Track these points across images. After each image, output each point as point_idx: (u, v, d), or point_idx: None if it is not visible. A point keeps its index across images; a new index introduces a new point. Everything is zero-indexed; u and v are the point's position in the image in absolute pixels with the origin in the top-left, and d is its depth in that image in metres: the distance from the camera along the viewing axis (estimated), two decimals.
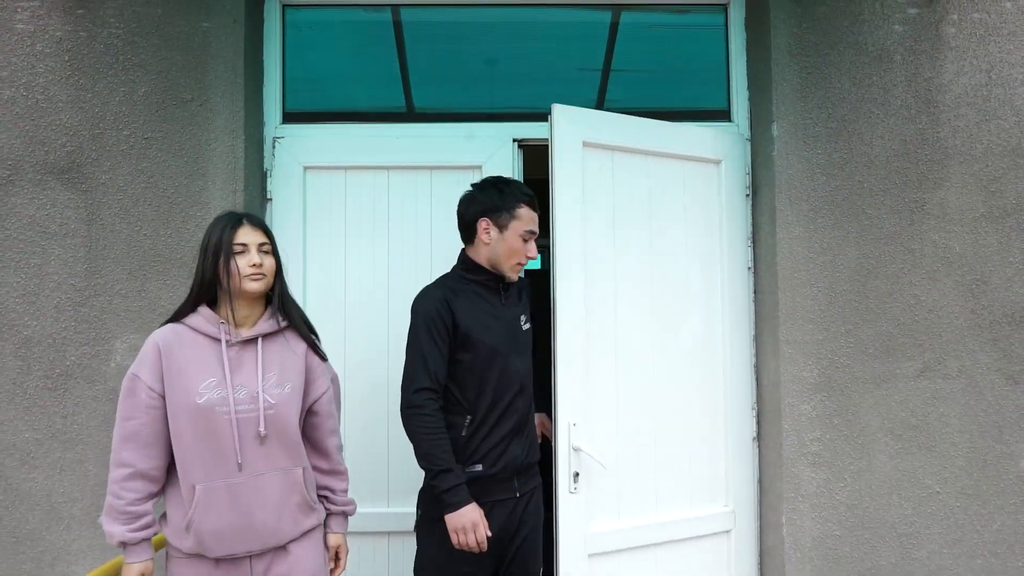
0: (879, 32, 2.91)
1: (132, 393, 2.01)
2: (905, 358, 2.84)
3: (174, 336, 2.05)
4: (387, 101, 3.11)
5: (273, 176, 2.96)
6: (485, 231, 2.34)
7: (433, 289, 2.30)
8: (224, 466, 2.00)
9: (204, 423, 1.98)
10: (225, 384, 2.02)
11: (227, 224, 2.08)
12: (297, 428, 2.09)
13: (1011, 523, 2.83)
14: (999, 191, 2.88)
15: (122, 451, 1.99)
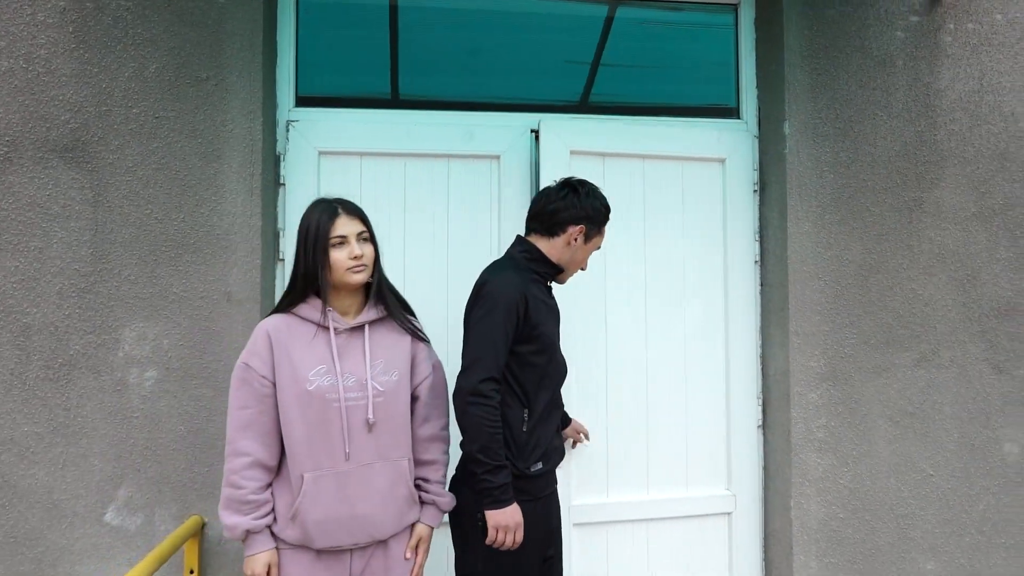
0: (883, 38, 3.04)
1: (245, 382, 2.01)
2: (903, 349, 2.99)
3: (283, 324, 2.04)
4: (402, 88, 3.06)
5: (286, 160, 2.88)
6: (575, 237, 2.32)
7: (513, 275, 2.21)
8: (332, 455, 2.00)
9: (314, 410, 1.98)
10: (334, 371, 2.01)
11: (323, 215, 2.05)
12: (407, 417, 2.10)
13: (995, 503, 3.02)
14: (988, 192, 3.06)
15: (239, 440, 1.99)
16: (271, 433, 2.01)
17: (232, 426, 2.00)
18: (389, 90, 3.04)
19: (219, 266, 2.69)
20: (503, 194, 2.97)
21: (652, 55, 3.23)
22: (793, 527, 2.91)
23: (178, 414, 2.65)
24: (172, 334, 2.66)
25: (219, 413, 2.66)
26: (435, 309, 2.92)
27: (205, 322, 2.67)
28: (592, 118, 3.06)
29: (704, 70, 3.24)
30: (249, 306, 2.69)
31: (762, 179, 3.12)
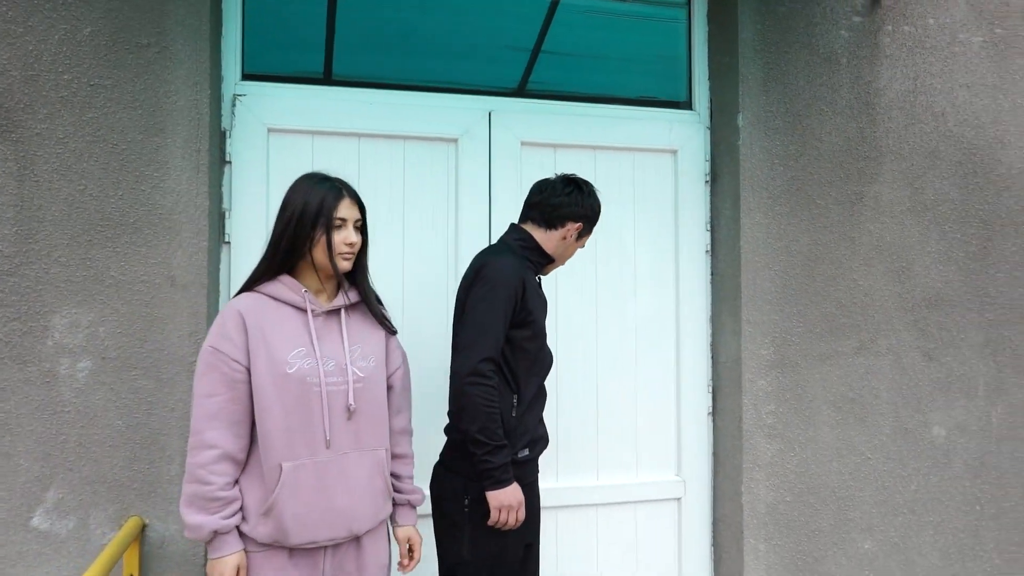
0: (828, 36, 3.13)
1: (213, 367, 1.85)
2: (844, 337, 3.11)
3: (256, 304, 1.90)
4: (356, 67, 2.93)
5: (233, 137, 2.70)
6: (570, 232, 2.33)
7: (512, 260, 2.20)
8: (312, 443, 1.87)
9: (293, 395, 1.85)
10: (314, 355, 1.89)
11: (328, 193, 1.93)
12: (384, 405, 2.01)
13: (925, 484, 3.18)
14: (921, 188, 3.21)
15: (207, 431, 1.82)
16: (242, 423, 1.87)
17: (198, 416, 1.84)
18: (342, 69, 2.90)
19: (162, 248, 2.50)
20: (461, 178, 2.89)
21: (606, 45, 3.22)
22: (744, 512, 2.97)
23: (115, 408, 2.45)
24: (109, 321, 2.45)
25: (161, 406, 2.47)
26: (391, 294, 2.82)
27: (146, 308, 2.48)
28: (544, 106, 3.03)
29: (657, 61, 3.26)
30: (195, 291, 2.52)
31: (713, 170, 3.17)
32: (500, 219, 2.92)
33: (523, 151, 2.97)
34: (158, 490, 2.46)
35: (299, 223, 1.91)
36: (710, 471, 3.15)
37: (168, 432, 2.48)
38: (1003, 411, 3.28)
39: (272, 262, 1.94)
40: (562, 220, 2.32)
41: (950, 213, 3.24)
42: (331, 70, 2.91)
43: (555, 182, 2.35)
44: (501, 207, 2.93)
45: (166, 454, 2.47)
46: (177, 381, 2.49)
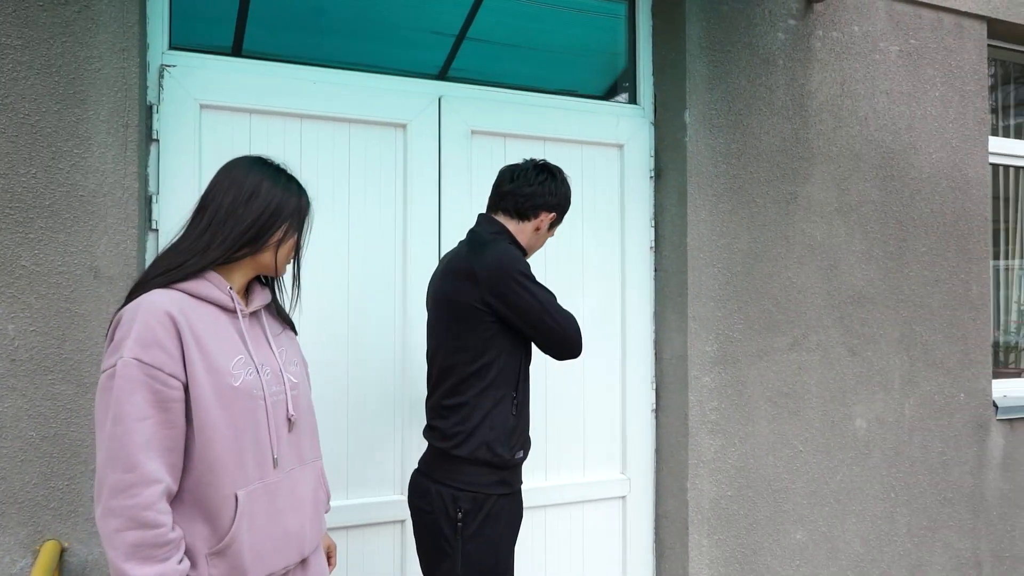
0: (767, 37, 3.19)
1: (139, 384, 1.50)
2: (780, 333, 3.18)
3: (184, 304, 1.60)
4: (298, 45, 2.70)
5: (160, 113, 2.42)
6: (543, 223, 2.21)
7: (512, 247, 2.13)
8: (261, 464, 1.63)
9: (240, 411, 1.59)
10: (251, 362, 1.65)
11: (302, 197, 1.73)
12: (314, 412, 1.83)
13: (849, 474, 3.32)
14: (847, 189, 3.34)
15: (144, 463, 1.48)
16: (176, 450, 1.55)
17: (128, 446, 1.48)
18: (281, 45, 2.67)
19: (83, 234, 2.20)
20: (410, 166, 2.73)
21: (554, 39, 3.14)
22: (689, 508, 2.98)
23: (28, 416, 2.13)
24: (20, 317, 2.13)
25: (83, 414, 2.18)
26: (335, 287, 2.62)
27: (64, 303, 2.17)
28: (495, 94, 2.91)
29: (597, 55, 3.22)
30: (122, 284, 2.23)
31: (657, 166, 3.16)
32: (450, 209, 2.78)
33: (473, 139, 2.84)
34: (79, 509, 2.17)
35: (272, 219, 1.67)
36: (653, 468, 3.15)
37: (91, 443, 2.18)
38: (914, 403, 3.47)
39: (208, 256, 1.65)
40: (535, 210, 2.20)
41: (871, 214, 3.39)
42: (241, 44, 2.68)
43: (526, 169, 2.22)
44: (451, 197, 2.79)
45: (88, 468, 2.18)
46: None
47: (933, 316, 3.53)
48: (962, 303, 3.60)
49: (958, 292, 3.59)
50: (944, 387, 3.55)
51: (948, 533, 3.55)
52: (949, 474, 3.55)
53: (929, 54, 3.56)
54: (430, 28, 3.03)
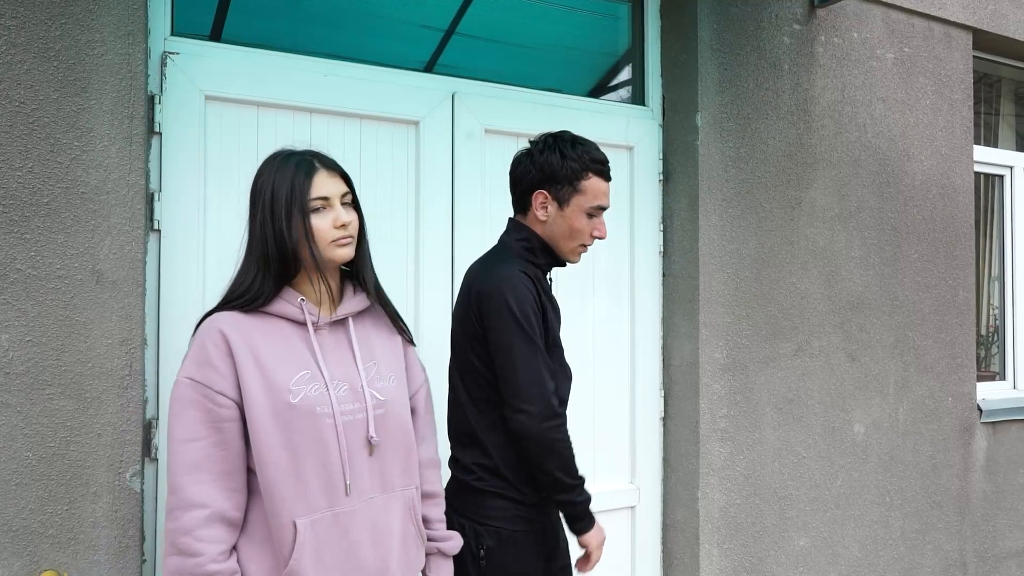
0: (774, 41, 3.17)
1: (192, 404, 1.43)
2: (785, 339, 3.16)
3: (241, 320, 1.50)
4: (312, 37, 2.55)
5: (163, 103, 2.24)
6: (542, 206, 1.97)
7: (520, 273, 1.90)
8: (329, 490, 1.49)
9: (301, 430, 1.47)
10: (321, 377, 1.51)
11: (298, 171, 1.54)
12: (411, 433, 1.65)
13: (848, 479, 3.32)
14: (846, 195, 3.35)
15: (190, 486, 1.40)
16: (234, 473, 1.47)
17: (176, 468, 1.44)
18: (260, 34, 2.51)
19: (84, 235, 2.02)
20: (422, 165, 2.61)
21: (560, 38, 3.06)
22: (700, 517, 2.94)
23: (24, 435, 1.94)
24: (16, 326, 1.93)
25: (84, 432, 1.99)
26: None
27: (64, 310, 1.98)
28: (508, 92, 2.81)
29: (605, 56, 3.15)
30: (127, 289, 2.06)
31: (666, 169, 3.10)
32: (463, 210, 2.67)
33: (487, 139, 2.73)
34: (80, 536, 1.98)
35: (272, 220, 1.53)
36: (661, 477, 3.09)
37: (93, 464, 2.00)
38: (908, 407, 3.51)
39: (259, 273, 1.55)
40: (525, 196, 1.99)
41: (869, 220, 3.41)
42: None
43: (519, 152, 2.06)
44: (464, 198, 2.67)
45: (90, 491, 2.00)
46: (105, 400, 2.02)
47: (924, 321, 3.57)
48: (950, 308, 3.66)
49: (946, 297, 3.65)
50: (934, 391, 3.60)
51: (937, 535, 3.60)
52: (938, 477, 3.60)
53: (921, 62, 3.60)
54: (418, 22, 2.91)
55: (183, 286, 2.24)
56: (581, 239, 1.98)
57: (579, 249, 2.01)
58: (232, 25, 2.47)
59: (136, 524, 2.06)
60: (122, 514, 2.03)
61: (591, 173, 1.96)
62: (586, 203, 1.96)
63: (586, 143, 1.99)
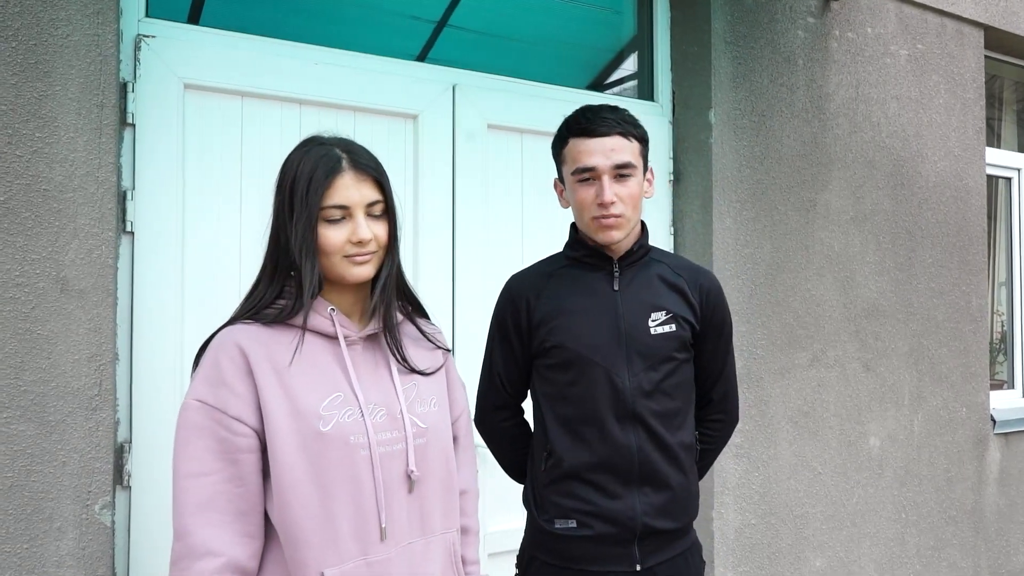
0: (788, 35, 3.01)
1: (203, 432, 1.22)
2: (800, 349, 3.00)
3: (261, 334, 1.29)
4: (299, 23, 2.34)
5: (136, 92, 2.01)
6: (561, 194, 1.76)
7: (520, 274, 1.76)
8: (362, 534, 1.27)
9: (334, 465, 1.26)
10: (355, 401, 1.30)
11: (318, 167, 1.30)
12: (454, 465, 1.43)
13: (864, 495, 3.17)
14: (861, 197, 3.19)
15: (200, 530, 1.19)
16: (250, 514, 1.25)
17: (184, 508, 1.22)
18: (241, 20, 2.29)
19: (47, 237, 1.79)
20: (420, 161, 2.41)
21: (562, 33, 2.88)
22: (715, 539, 2.76)
23: None
24: None
25: (47, 460, 1.77)
26: None
27: (23, 322, 1.76)
28: (510, 85, 2.62)
29: (609, 50, 2.97)
30: (96, 298, 1.83)
31: (676, 168, 2.92)
32: (464, 210, 2.47)
33: (489, 134, 2.54)
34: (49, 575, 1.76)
35: (291, 219, 1.30)
36: None
37: (57, 495, 1.78)
38: (923, 419, 3.36)
39: (273, 279, 1.33)
40: (558, 176, 1.75)
41: (884, 224, 3.25)
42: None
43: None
44: (465, 197, 2.48)
45: (54, 526, 1.77)
46: (70, 424, 1.79)
47: (938, 329, 3.43)
48: (963, 315, 3.52)
49: (960, 304, 3.51)
50: (948, 402, 3.45)
51: (952, 552, 3.45)
52: (953, 491, 3.46)
53: (934, 59, 3.46)
54: (408, 13, 2.72)
55: (159, 294, 2.02)
56: (588, 212, 1.64)
57: (593, 225, 1.64)
58: (210, 11, 2.26)
59: (107, 562, 1.84)
60: (91, 551, 1.81)
61: (569, 137, 1.68)
62: (571, 170, 1.66)
63: (581, 109, 1.70)
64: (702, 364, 1.75)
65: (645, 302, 1.69)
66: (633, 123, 1.65)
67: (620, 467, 1.62)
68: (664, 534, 1.64)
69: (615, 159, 1.59)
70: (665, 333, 1.67)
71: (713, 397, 1.79)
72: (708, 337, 1.73)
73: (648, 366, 1.65)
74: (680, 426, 1.68)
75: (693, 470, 1.73)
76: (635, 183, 1.62)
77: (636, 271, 1.71)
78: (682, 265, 1.77)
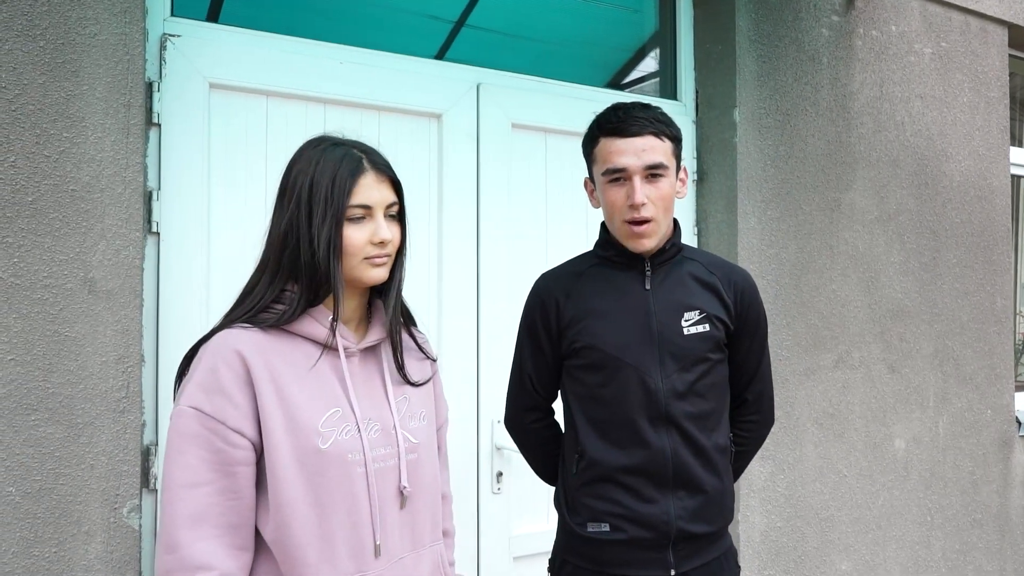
0: (812, 32, 2.98)
1: (198, 441, 1.18)
2: (825, 350, 2.96)
3: (262, 340, 1.24)
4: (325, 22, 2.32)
5: (162, 92, 2.00)
6: (592, 194, 1.72)
7: (545, 276, 1.74)
8: (357, 551, 1.25)
9: (332, 482, 1.23)
10: (352, 417, 1.27)
11: (342, 166, 1.27)
12: (438, 479, 1.41)
13: (890, 498, 3.13)
14: (885, 197, 3.16)
15: (193, 543, 1.15)
16: (242, 527, 1.21)
17: (174, 518, 1.17)
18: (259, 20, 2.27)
19: (75, 238, 1.78)
20: (445, 161, 2.39)
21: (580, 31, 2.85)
22: (741, 542, 2.73)
23: (6, 468, 1.69)
24: None
25: (75, 463, 1.75)
26: None
27: (52, 324, 1.74)
28: (535, 84, 2.60)
29: (628, 49, 2.95)
30: (124, 299, 1.82)
31: (700, 168, 2.89)
32: (489, 210, 2.45)
33: (514, 134, 2.51)
34: None
35: (309, 218, 1.26)
36: None
37: (86, 499, 1.76)
38: (947, 421, 3.32)
39: (274, 279, 1.29)
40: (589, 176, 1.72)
41: (908, 224, 3.22)
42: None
43: None
44: (490, 197, 2.46)
45: (82, 530, 1.75)
46: (98, 427, 1.78)
47: (963, 330, 3.39)
48: (988, 316, 3.48)
49: (985, 305, 3.47)
50: (973, 403, 3.41)
51: (978, 556, 3.41)
52: (978, 494, 3.42)
53: (958, 58, 3.42)
54: (426, 12, 2.70)
55: (184, 296, 2.00)
56: (619, 213, 1.60)
57: (624, 229, 1.61)
58: (229, 10, 2.24)
59: (134, 566, 1.82)
60: (118, 555, 1.79)
61: (600, 136, 1.63)
62: (601, 171, 1.62)
63: (613, 107, 1.66)
64: (736, 364, 1.71)
65: (678, 302, 1.65)
66: (666, 122, 1.61)
67: (654, 470, 1.60)
68: (699, 538, 1.62)
69: (646, 159, 1.56)
70: (698, 333, 1.63)
71: (748, 398, 1.76)
72: (743, 336, 1.70)
73: (681, 367, 1.61)
74: (714, 428, 1.65)
75: (728, 473, 1.70)
76: (667, 184, 1.59)
77: (668, 270, 1.68)
78: (715, 263, 1.74)
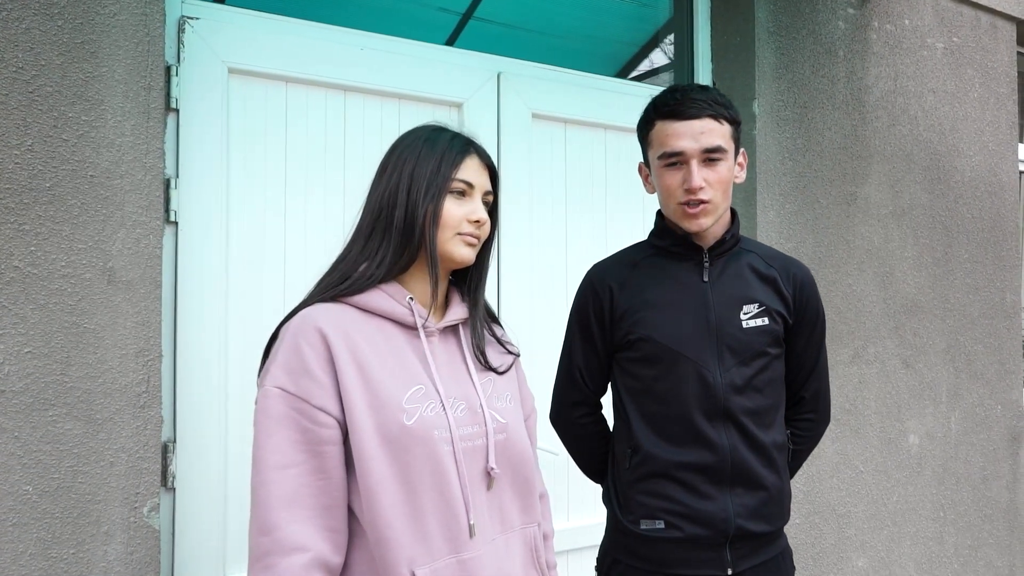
0: (829, 25, 2.95)
1: (286, 422, 1.16)
2: (842, 345, 2.94)
3: (344, 318, 1.23)
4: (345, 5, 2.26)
5: (181, 76, 1.93)
6: (646, 179, 1.68)
7: (597, 267, 1.70)
8: (450, 531, 1.21)
9: (419, 460, 1.19)
10: (436, 395, 1.24)
11: (449, 148, 1.30)
12: (532, 460, 1.37)
13: (904, 493, 3.11)
14: (900, 192, 3.14)
15: (288, 524, 1.12)
16: (334, 508, 1.18)
17: (270, 501, 1.14)
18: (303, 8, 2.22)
19: (94, 226, 1.71)
20: None
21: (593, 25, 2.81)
22: None
23: (23, 466, 1.62)
24: (12, 335, 1.62)
25: (95, 460, 1.68)
26: None
27: (70, 315, 1.67)
28: (556, 74, 2.55)
29: (636, 44, 2.91)
30: (144, 291, 1.75)
31: None
32: (509, 202, 2.40)
33: (534, 124, 2.46)
34: None
35: (409, 193, 1.26)
36: None
37: (105, 497, 1.69)
38: (960, 417, 3.31)
39: (374, 257, 1.27)
40: (643, 160, 1.68)
41: (922, 218, 3.20)
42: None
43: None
44: (510, 189, 2.40)
45: (102, 530, 1.69)
46: (118, 423, 1.71)
47: (974, 326, 3.38)
48: (997, 311, 3.47)
49: (995, 300, 3.46)
50: (984, 399, 3.41)
51: (989, 551, 3.40)
52: (989, 489, 3.41)
53: (969, 53, 3.41)
54: (436, 4, 2.65)
55: (202, 287, 1.94)
56: (674, 197, 1.56)
57: (679, 211, 1.56)
58: None
59: (155, 567, 1.75)
60: (139, 556, 1.73)
61: (656, 119, 1.58)
62: (658, 154, 1.57)
63: (668, 89, 1.61)
64: (794, 360, 1.67)
65: (736, 294, 1.61)
66: (725, 104, 1.56)
67: (712, 466, 1.55)
68: (757, 537, 1.58)
69: (704, 143, 1.52)
70: (757, 327, 1.59)
71: (804, 395, 1.72)
72: (801, 331, 1.66)
73: (739, 361, 1.57)
74: (771, 424, 1.61)
75: (786, 471, 1.66)
76: (725, 167, 1.55)
77: (727, 261, 1.64)
78: (773, 255, 1.70)
